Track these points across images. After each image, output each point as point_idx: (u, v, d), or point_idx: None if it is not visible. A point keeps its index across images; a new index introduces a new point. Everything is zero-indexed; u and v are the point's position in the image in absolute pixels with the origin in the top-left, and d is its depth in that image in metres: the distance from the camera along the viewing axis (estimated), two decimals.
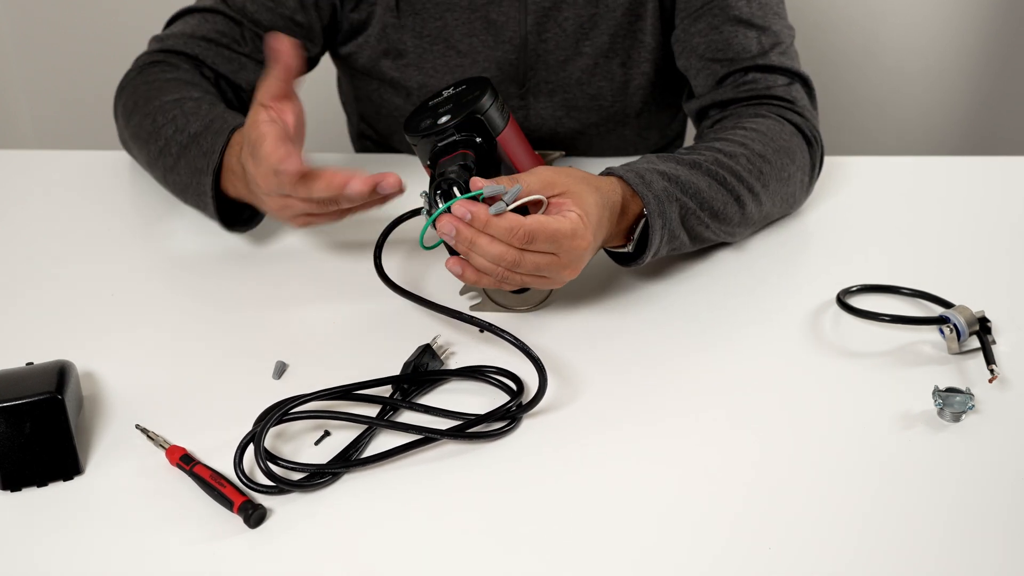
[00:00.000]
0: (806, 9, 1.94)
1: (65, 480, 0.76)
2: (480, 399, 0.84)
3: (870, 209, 1.14)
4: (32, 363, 0.82)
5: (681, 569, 0.69)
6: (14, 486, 0.75)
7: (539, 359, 0.83)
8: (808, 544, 0.70)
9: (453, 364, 0.89)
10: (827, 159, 1.15)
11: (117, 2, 2.06)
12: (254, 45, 1.15)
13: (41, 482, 0.76)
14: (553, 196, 0.86)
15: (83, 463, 0.77)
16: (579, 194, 0.86)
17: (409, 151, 1.26)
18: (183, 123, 1.04)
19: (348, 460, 0.77)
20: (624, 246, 0.94)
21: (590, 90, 1.21)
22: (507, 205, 0.83)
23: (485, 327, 0.86)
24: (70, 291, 0.99)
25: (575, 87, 1.20)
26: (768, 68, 1.10)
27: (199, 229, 1.08)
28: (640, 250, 0.93)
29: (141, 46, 1.19)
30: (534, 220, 0.82)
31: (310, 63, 1.22)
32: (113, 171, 1.21)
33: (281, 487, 0.74)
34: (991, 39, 2.04)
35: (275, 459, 0.75)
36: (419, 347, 0.88)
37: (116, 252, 1.06)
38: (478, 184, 0.84)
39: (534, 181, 0.85)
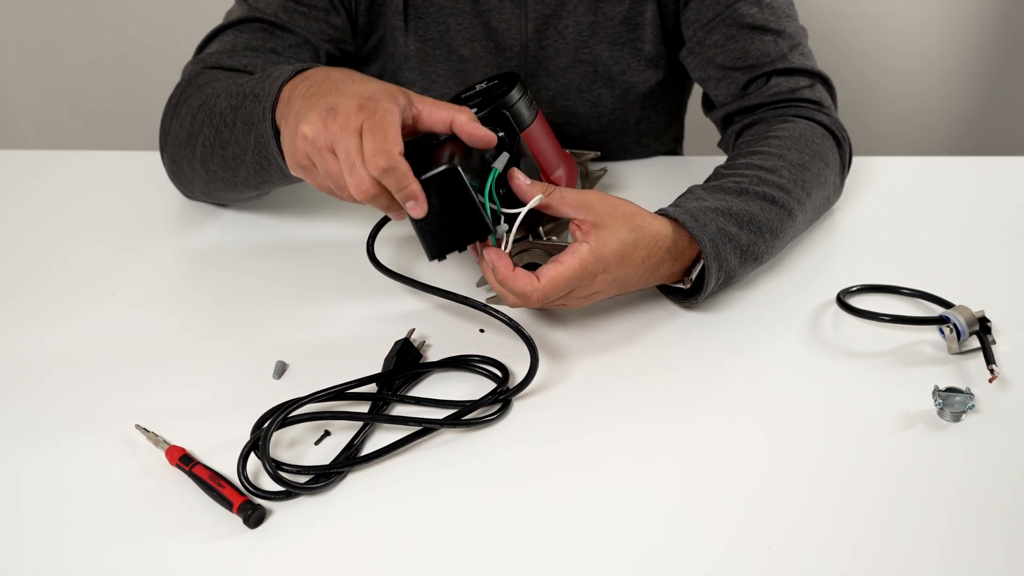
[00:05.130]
0: (805, 10, 1.94)
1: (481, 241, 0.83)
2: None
3: (870, 209, 1.14)
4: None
5: (680, 568, 0.69)
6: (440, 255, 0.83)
7: (531, 337, 0.84)
8: (808, 544, 0.70)
9: (431, 356, 0.89)
10: None
11: (117, 3, 2.07)
12: (294, 52, 1.11)
13: (462, 247, 0.83)
14: (583, 220, 0.86)
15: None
16: (608, 228, 0.86)
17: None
18: (236, 90, 0.95)
19: (351, 459, 0.77)
20: (680, 281, 0.93)
21: (590, 97, 1.21)
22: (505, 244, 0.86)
23: (480, 307, 0.87)
24: (70, 291, 0.99)
25: (575, 94, 1.20)
26: (790, 71, 1.10)
27: (200, 230, 1.08)
28: (696, 288, 0.93)
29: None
30: (547, 281, 0.84)
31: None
32: (114, 171, 1.21)
33: (290, 492, 0.74)
34: (991, 39, 2.04)
35: (280, 464, 0.75)
36: (397, 342, 0.88)
37: (116, 252, 1.06)
38: (518, 176, 0.86)
39: (572, 198, 0.87)
